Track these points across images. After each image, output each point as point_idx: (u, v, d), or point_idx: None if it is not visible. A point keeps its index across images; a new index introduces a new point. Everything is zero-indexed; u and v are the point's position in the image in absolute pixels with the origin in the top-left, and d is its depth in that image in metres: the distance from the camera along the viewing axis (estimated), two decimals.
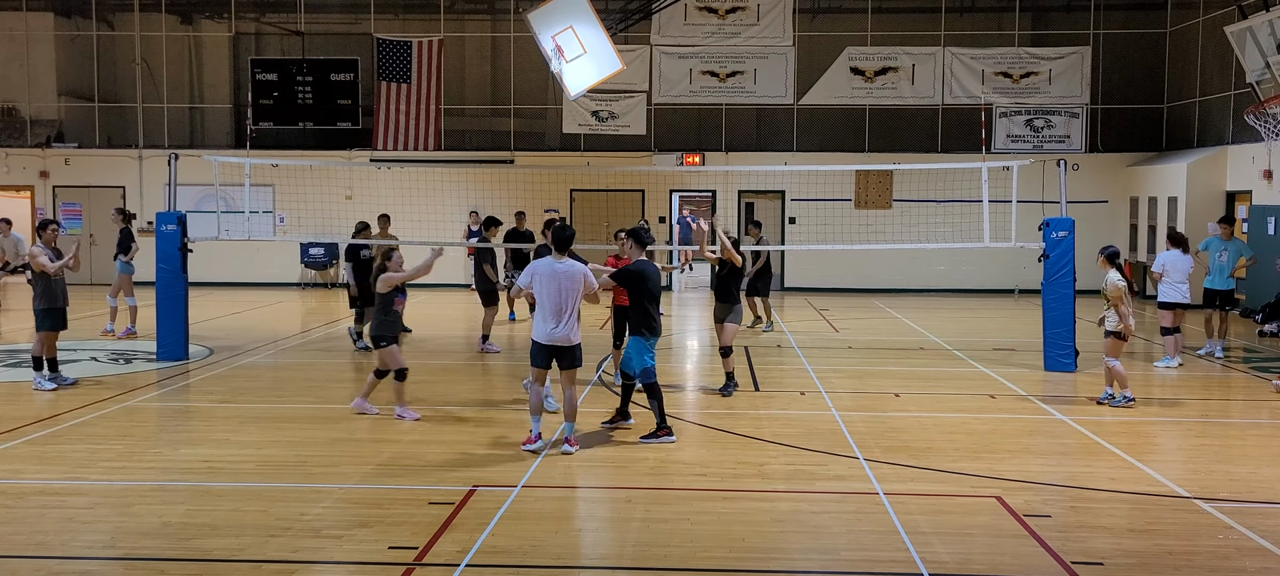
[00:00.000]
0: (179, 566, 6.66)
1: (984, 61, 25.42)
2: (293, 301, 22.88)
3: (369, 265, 15.72)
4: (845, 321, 19.69)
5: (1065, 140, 25.22)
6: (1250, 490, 8.52)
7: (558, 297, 9.17)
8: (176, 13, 26.93)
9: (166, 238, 14.44)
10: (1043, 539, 7.20)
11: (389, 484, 8.50)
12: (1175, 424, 11.30)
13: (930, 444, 9.92)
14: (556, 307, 9.18)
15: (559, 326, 9.20)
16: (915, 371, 14.13)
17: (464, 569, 6.62)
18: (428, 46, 25.71)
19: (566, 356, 9.34)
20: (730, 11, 25.56)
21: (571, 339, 9.28)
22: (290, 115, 26.23)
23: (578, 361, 9.45)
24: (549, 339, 9.23)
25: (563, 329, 9.20)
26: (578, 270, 9.26)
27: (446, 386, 12.84)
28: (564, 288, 9.17)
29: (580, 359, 9.50)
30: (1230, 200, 21.49)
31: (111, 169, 26.11)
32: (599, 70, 17.47)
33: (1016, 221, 15.05)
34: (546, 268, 9.23)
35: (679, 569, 6.75)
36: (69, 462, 9.11)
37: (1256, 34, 19.66)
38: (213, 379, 13.27)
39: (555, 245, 9.35)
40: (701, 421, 10.90)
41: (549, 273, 9.20)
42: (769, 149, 25.76)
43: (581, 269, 9.30)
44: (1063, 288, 13.96)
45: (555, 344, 9.25)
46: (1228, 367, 14.62)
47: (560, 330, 9.20)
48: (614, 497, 8.38)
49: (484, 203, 23.53)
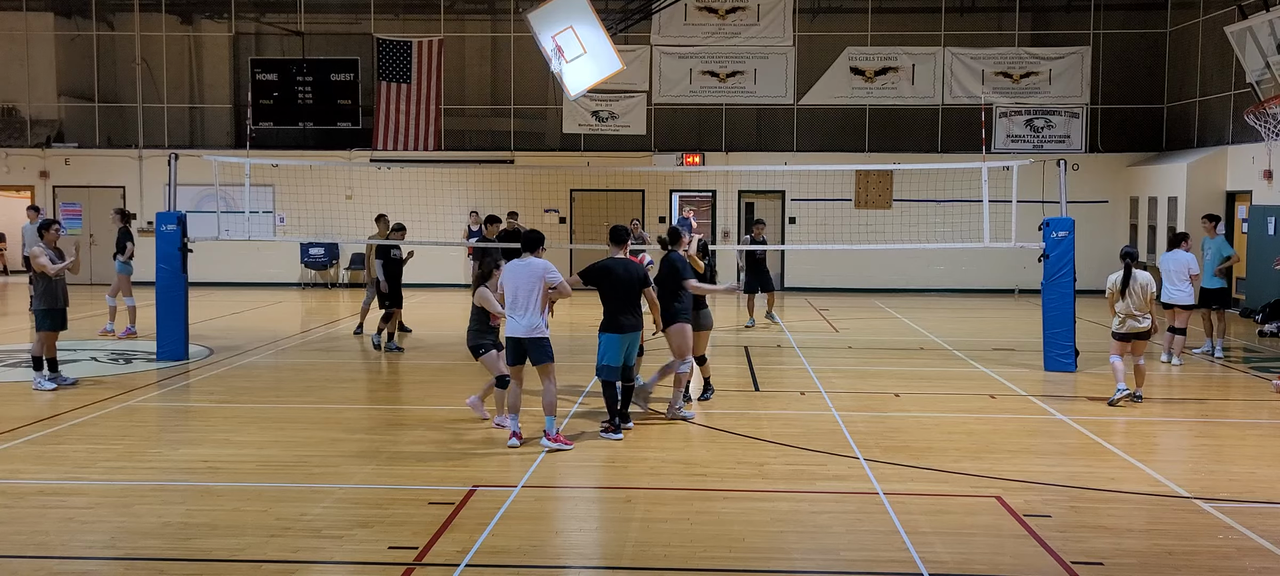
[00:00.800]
0: (179, 566, 6.66)
1: (984, 61, 25.42)
2: (293, 301, 22.89)
3: (399, 265, 15.75)
4: (845, 321, 19.68)
5: (1065, 140, 25.22)
6: (1250, 490, 8.52)
7: (513, 292, 9.55)
8: (176, 13, 26.93)
9: (166, 238, 14.43)
10: (1043, 539, 7.20)
11: (389, 484, 8.50)
12: (1175, 424, 11.30)
13: (930, 444, 9.92)
14: (511, 302, 9.58)
15: (520, 319, 9.51)
16: (915, 371, 14.12)
17: (464, 569, 6.62)
18: (428, 46, 25.71)
19: (533, 350, 9.56)
20: (730, 11, 25.56)
21: (533, 332, 9.51)
22: (290, 115, 26.23)
23: (546, 356, 9.58)
24: (510, 331, 9.60)
25: (523, 322, 9.49)
26: (536, 266, 9.54)
27: (446, 386, 12.84)
28: (520, 283, 9.50)
29: (549, 354, 9.60)
30: (1230, 200, 21.49)
31: (111, 169, 26.11)
32: (599, 70, 17.47)
33: (1016, 221, 15.04)
34: (510, 266, 9.67)
35: (679, 569, 6.75)
36: (69, 462, 9.11)
37: (1256, 34, 19.66)
38: (213, 379, 13.27)
39: (525, 246, 9.72)
40: (701, 421, 10.90)
41: (510, 270, 9.63)
42: (769, 149, 25.76)
43: (540, 265, 9.57)
44: (1063, 287, 13.96)
45: (516, 337, 9.55)
46: (1228, 367, 14.62)
47: (522, 323, 9.50)
48: (614, 497, 8.38)
49: (484, 203, 23.52)
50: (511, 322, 9.57)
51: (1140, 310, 11.64)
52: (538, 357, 9.58)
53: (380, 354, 15.38)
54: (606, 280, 9.98)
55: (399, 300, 15.79)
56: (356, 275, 25.38)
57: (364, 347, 16.10)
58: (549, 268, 9.60)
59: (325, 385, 13.06)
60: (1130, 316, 11.65)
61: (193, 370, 13.84)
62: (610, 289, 9.97)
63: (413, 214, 21.11)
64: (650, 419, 10.96)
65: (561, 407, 11.31)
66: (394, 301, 15.61)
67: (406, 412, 11.61)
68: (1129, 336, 11.75)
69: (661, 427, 10.68)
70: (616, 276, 9.96)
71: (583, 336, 16.19)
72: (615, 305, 9.97)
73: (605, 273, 9.99)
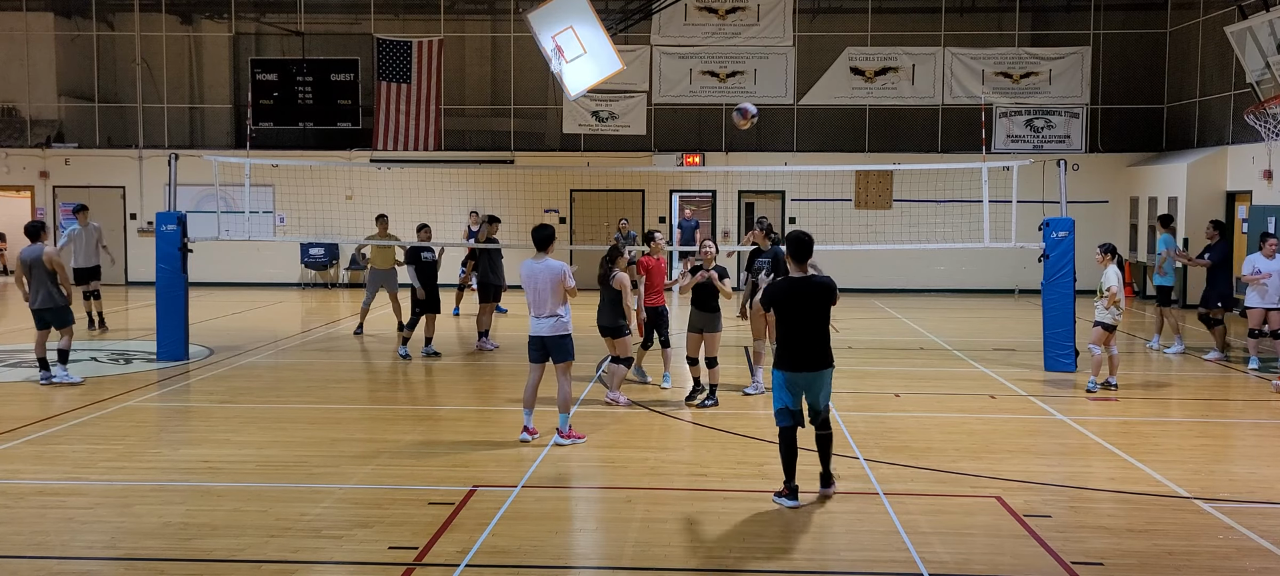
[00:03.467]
0: (179, 566, 6.66)
1: (984, 61, 25.41)
2: (293, 301, 22.89)
3: (432, 267, 15.00)
4: (845, 321, 19.64)
5: (1065, 140, 25.22)
6: (1250, 490, 8.53)
7: (534, 293, 9.66)
8: (176, 13, 26.93)
9: (166, 238, 14.43)
10: (1043, 539, 7.20)
11: (389, 484, 8.50)
12: (1175, 424, 11.30)
13: (930, 444, 9.92)
14: (534, 302, 9.69)
15: (540, 319, 9.66)
16: (915, 371, 14.13)
17: (464, 569, 6.62)
18: (428, 47, 25.70)
19: (555, 349, 9.70)
20: (730, 11, 25.55)
21: (558, 331, 9.66)
22: (290, 115, 26.22)
23: (567, 354, 9.72)
24: (534, 331, 9.75)
25: (544, 322, 9.64)
26: (556, 266, 9.65)
27: (446, 385, 12.84)
28: (539, 284, 9.61)
29: (571, 352, 9.73)
30: (1230, 200, 21.49)
31: (111, 169, 26.10)
32: (599, 70, 17.46)
33: (1016, 221, 15.05)
34: (528, 266, 9.70)
35: (679, 569, 6.75)
36: (69, 462, 9.11)
37: (1256, 34, 19.66)
38: (213, 379, 13.27)
39: (536, 244, 9.77)
40: (701, 421, 10.90)
41: (528, 271, 9.68)
42: (769, 149, 25.75)
43: (559, 265, 9.67)
44: (1063, 288, 13.97)
45: (540, 336, 9.70)
46: (1227, 367, 14.62)
47: (542, 323, 9.65)
48: (614, 497, 8.38)
49: (484, 203, 23.52)
50: (536, 322, 9.70)
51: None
52: (560, 355, 9.71)
53: (426, 360, 14.66)
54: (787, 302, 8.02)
55: (436, 304, 15.00)
56: (356, 275, 25.36)
57: (364, 348, 16.10)
58: (567, 267, 9.72)
59: (325, 385, 13.07)
60: (1115, 305, 12.32)
61: (193, 370, 13.84)
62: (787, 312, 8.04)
63: (412, 214, 21.08)
64: (651, 419, 10.96)
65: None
66: (430, 306, 14.87)
67: (406, 412, 11.61)
68: (1114, 327, 12.40)
69: (662, 427, 10.69)
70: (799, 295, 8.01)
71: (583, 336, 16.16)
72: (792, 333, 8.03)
73: (788, 292, 8.06)
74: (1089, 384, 12.51)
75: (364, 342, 16.48)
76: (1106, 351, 12.47)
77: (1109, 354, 12.52)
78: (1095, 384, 12.46)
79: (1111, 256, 12.59)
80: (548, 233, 9.78)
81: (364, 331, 17.10)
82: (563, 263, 9.79)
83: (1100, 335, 12.40)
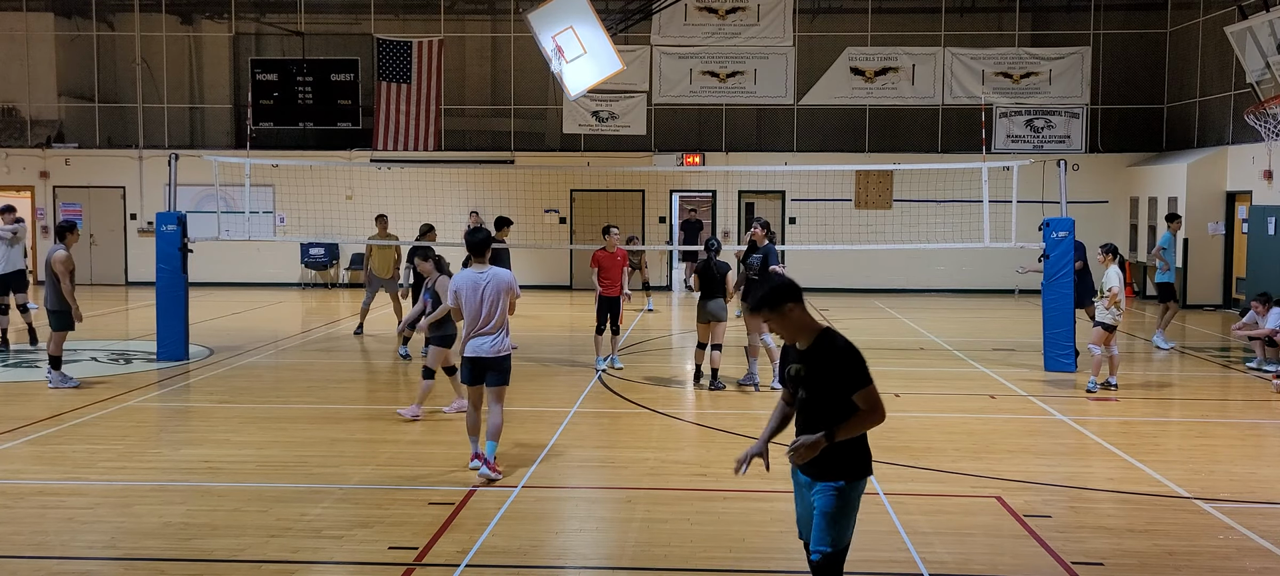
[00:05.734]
0: (179, 566, 6.66)
1: (984, 61, 25.41)
2: (293, 301, 22.89)
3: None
4: (845, 321, 19.66)
5: (1065, 140, 25.22)
6: (1250, 490, 8.52)
7: (477, 307, 8.42)
8: (176, 13, 26.92)
9: (166, 238, 14.43)
10: (1043, 539, 7.20)
11: (389, 484, 8.50)
12: (1175, 424, 11.31)
13: (930, 444, 9.92)
14: (476, 317, 8.44)
15: (481, 337, 8.45)
16: (915, 371, 14.12)
17: (464, 569, 6.62)
18: (428, 47, 25.70)
19: (495, 372, 8.53)
20: (730, 11, 25.55)
21: (498, 349, 8.47)
22: (290, 115, 26.22)
23: (505, 378, 8.58)
24: (471, 351, 8.49)
25: (485, 340, 8.45)
26: (503, 276, 8.51)
27: (446, 386, 12.83)
28: (486, 296, 8.41)
29: (507, 375, 8.60)
30: (1230, 200, 21.50)
31: (111, 169, 26.10)
32: (599, 70, 17.46)
33: (1016, 221, 15.05)
34: (467, 277, 8.51)
35: (679, 569, 6.75)
36: (69, 462, 9.11)
37: (1256, 34, 19.66)
38: (213, 379, 13.27)
39: (471, 252, 8.68)
40: (701, 421, 10.90)
41: (469, 281, 8.46)
42: (769, 149, 25.75)
43: (507, 274, 8.57)
44: (1063, 288, 13.96)
45: (481, 357, 8.47)
46: (1228, 367, 14.62)
47: (483, 342, 8.45)
48: (614, 497, 8.38)
49: (484, 203, 23.52)
50: (476, 341, 8.42)
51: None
52: (497, 380, 8.52)
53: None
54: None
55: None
56: (356, 275, 25.36)
57: (365, 348, 16.10)
58: (512, 277, 8.66)
59: (325, 385, 13.07)
60: (1116, 305, 12.33)
61: (193, 370, 13.84)
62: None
63: (412, 214, 21.10)
64: (651, 419, 10.96)
65: (560, 410, 11.34)
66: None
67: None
68: (1114, 327, 12.43)
69: (662, 427, 10.69)
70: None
71: (582, 336, 16.18)
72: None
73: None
74: (1089, 384, 12.50)
75: (364, 343, 16.48)
76: (1107, 351, 12.47)
77: (1109, 354, 12.52)
78: (1095, 384, 12.45)
79: (1113, 256, 12.59)
80: (485, 237, 8.65)
81: (364, 331, 17.09)
82: (510, 271, 8.92)
83: (1100, 335, 12.38)
